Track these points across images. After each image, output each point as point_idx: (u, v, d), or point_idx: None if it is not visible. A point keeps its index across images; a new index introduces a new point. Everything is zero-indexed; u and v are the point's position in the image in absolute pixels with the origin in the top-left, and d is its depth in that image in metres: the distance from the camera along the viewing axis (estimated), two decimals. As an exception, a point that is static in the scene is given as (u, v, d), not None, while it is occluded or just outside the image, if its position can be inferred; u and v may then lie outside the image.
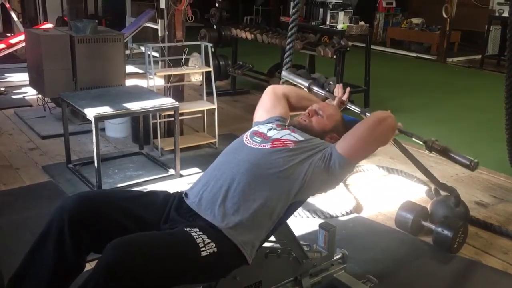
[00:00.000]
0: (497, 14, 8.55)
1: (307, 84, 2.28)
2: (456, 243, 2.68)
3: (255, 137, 1.83)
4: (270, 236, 1.79)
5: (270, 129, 1.89)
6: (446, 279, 2.51)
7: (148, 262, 1.38)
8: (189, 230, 1.53)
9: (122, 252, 1.36)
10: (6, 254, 2.26)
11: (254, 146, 1.78)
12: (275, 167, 1.70)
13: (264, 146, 1.77)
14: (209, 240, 1.52)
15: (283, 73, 2.49)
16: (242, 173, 1.69)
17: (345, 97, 2.18)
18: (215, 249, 1.51)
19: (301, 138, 1.83)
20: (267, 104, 2.09)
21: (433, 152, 2.05)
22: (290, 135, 1.84)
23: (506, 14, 8.28)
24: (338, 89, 2.22)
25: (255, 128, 1.95)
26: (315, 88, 2.23)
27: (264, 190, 1.67)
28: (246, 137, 1.86)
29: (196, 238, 1.50)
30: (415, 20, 10.23)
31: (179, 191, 1.81)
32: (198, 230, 1.54)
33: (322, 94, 2.22)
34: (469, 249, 2.76)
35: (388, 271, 2.50)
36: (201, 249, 1.48)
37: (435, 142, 2.06)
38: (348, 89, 2.20)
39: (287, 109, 2.10)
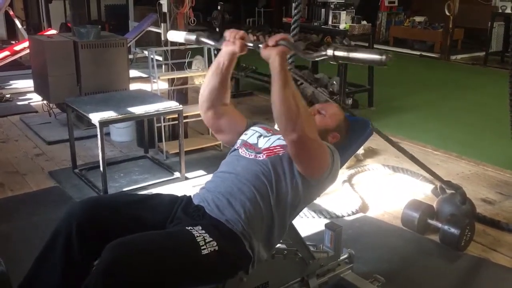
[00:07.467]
0: (500, 11, 8.51)
1: (194, 38, 1.89)
2: (463, 240, 2.67)
3: (249, 150, 1.79)
4: (280, 237, 1.79)
5: (259, 137, 1.84)
6: (453, 277, 2.51)
7: (146, 260, 1.38)
8: (191, 229, 1.53)
9: (119, 252, 1.37)
10: (14, 260, 2.26)
11: (250, 157, 1.76)
12: (271, 178, 1.69)
13: (258, 157, 1.75)
14: (211, 239, 1.51)
15: (168, 34, 2.09)
16: (243, 183, 1.68)
17: (271, 42, 1.55)
18: (216, 248, 1.51)
19: None
20: (219, 133, 1.94)
21: (339, 61, 1.49)
22: (279, 140, 1.78)
23: (509, 10, 8.27)
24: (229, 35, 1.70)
25: (243, 138, 1.87)
26: (203, 39, 1.88)
27: (266, 197, 1.68)
28: (239, 148, 1.82)
29: (197, 236, 1.50)
30: (418, 19, 10.20)
31: (187, 195, 1.81)
32: (200, 228, 1.54)
33: (212, 44, 1.83)
34: (477, 246, 2.75)
35: (396, 270, 2.50)
36: (202, 247, 1.48)
37: (338, 47, 1.46)
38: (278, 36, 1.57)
39: (232, 119, 1.89)
